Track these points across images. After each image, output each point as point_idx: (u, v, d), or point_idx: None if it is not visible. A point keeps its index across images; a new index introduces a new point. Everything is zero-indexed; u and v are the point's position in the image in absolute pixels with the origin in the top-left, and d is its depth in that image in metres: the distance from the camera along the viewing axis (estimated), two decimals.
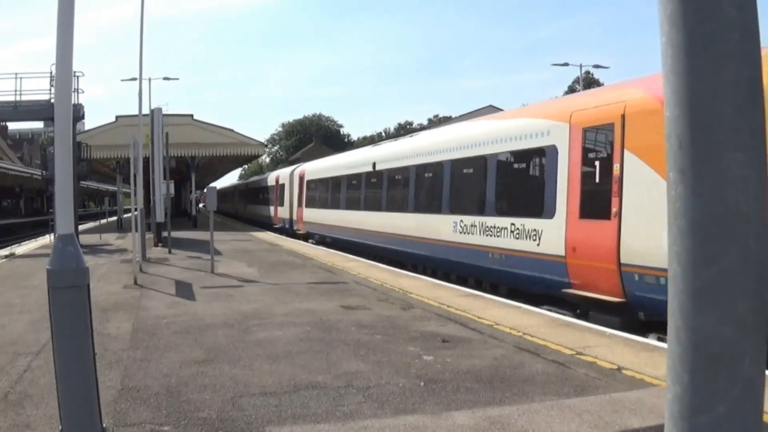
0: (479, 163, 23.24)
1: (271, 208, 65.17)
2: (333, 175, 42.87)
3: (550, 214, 18.34)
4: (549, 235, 18.44)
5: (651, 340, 13.36)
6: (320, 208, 45.40)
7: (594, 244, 16.75)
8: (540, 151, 19.49)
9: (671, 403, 2.56)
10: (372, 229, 33.80)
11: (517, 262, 20.07)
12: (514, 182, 21.64)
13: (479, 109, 64.92)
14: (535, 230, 19.10)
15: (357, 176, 37.57)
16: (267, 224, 64.96)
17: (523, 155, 20.76)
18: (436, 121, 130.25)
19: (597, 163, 16.90)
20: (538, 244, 19.01)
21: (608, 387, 10.32)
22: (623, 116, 15.74)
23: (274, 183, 64.56)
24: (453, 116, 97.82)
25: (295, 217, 53.47)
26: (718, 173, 2.41)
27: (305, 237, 48.96)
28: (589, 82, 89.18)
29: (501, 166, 21.92)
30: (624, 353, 12.39)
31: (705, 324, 2.43)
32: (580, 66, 76.33)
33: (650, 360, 11.81)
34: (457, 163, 25.12)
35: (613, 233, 15.97)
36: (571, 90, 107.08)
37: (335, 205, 41.58)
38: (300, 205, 51.60)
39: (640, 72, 66.01)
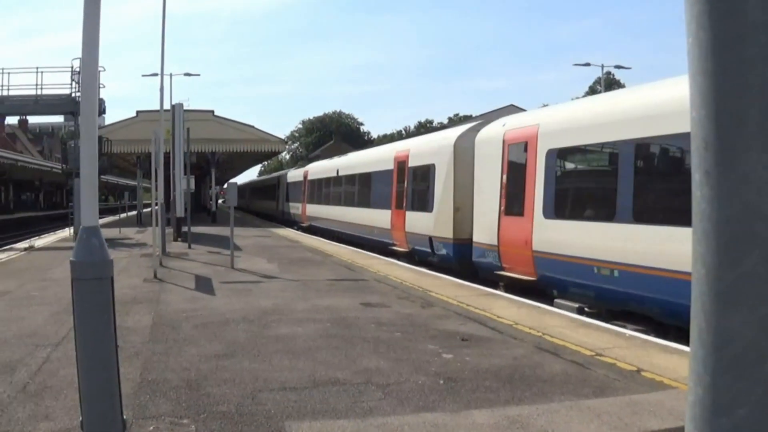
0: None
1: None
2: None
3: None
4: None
5: (670, 343, 13.31)
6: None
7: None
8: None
9: (692, 405, 2.56)
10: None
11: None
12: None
13: (500, 109, 64.38)
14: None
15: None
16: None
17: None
18: (457, 120, 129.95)
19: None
20: None
21: (628, 388, 10.30)
22: None
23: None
24: (473, 115, 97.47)
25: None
26: (743, 175, 2.40)
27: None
28: (610, 82, 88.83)
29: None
30: (643, 355, 12.36)
31: (728, 326, 2.42)
32: (602, 66, 75.99)
33: (670, 362, 11.78)
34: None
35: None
36: (593, 90, 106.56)
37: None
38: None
39: (662, 73, 65.72)
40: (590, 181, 19.82)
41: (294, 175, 69.15)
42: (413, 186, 32.01)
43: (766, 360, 2.43)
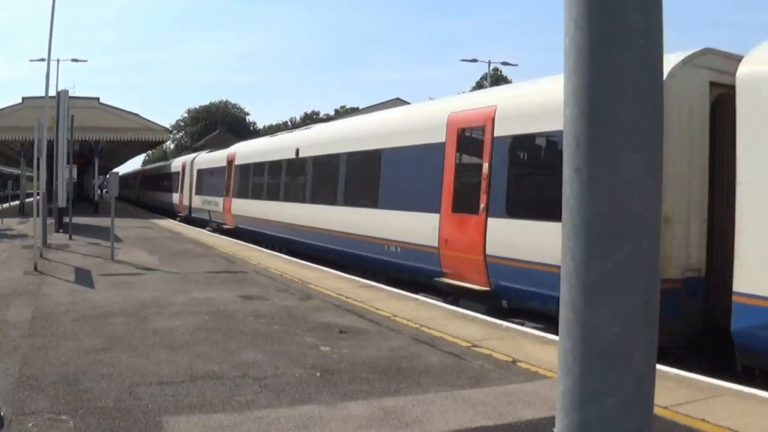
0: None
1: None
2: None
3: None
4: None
5: (546, 334, 13.55)
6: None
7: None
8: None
9: (562, 395, 2.62)
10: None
11: None
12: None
13: (386, 102, 64.67)
14: None
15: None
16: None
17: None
18: (343, 112, 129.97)
19: None
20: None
21: (503, 379, 10.48)
22: None
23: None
24: (360, 107, 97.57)
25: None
26: (614, 173, 2.47)
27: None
28: (496, 78, 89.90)
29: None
30: (519, 346, 12.58)
31: (596, 318, 2.49)
32: (489, 63, 76.77)
33: (545, 353, 12.01)
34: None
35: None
36: (479, 86, 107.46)
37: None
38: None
39: (548, 71, 66.68)
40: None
41: (209, 159, 51.21)
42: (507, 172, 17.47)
43: (634, 351, 2.51)
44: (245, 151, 42.05)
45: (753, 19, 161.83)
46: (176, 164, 66.63)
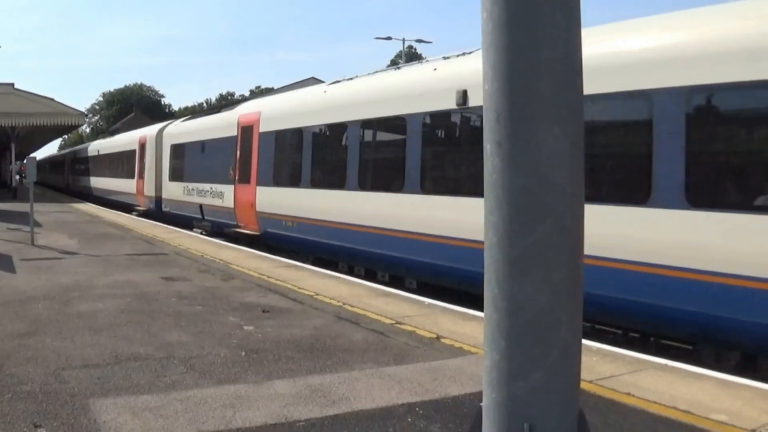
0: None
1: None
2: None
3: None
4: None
5: (469, 310, 13.63)
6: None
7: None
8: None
9: (489, 369, 2.64)
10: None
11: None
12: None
13: (301, 81, 64.52)
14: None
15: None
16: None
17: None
18: (258, 92, 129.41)
19: None
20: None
21: (428, 355, 10.53)
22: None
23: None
24: (275, 87, 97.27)
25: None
26: (535, 146, 2.48)
27: None
28: (411, 56, 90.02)
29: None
30: (442, 322, 12.65)
31: (521, 292, 2.50)
32: (403, 40, 77.14)
33: (468, 328, 12.10)
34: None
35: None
36: (394, 63, 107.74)
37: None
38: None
39: (462, 46, 66.82)
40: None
41: (197, 128, 36.09)
42: None
43: (560, 325, 2.53)
44: (279, 108, 27.28)
45: None
46: (128, 139, 50.66)
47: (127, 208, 46.86)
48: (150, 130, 44.86)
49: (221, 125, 31.23)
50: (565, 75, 2.50)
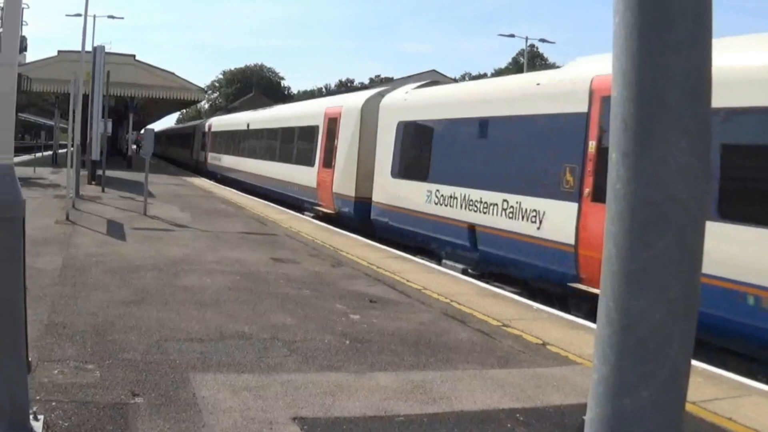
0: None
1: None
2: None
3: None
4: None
5: (577, 319, 13.46)
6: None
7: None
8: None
9: (596, 383, 2.58)
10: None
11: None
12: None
13: (422, 73, 64.62)
14: None
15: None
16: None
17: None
18: (378, 81, 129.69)
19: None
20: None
21: (533, 361, 10.41)
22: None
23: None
24: (395, 78, 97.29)
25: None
26: (661, 158, 2.41)
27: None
28: (533, 55, 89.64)
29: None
30: (549, 329, 12.49)
31: (636, 307, 2.44)
32: (526, 39, 76.85)
33: (576, 337, 11.92)
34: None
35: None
36: (515, 62, 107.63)
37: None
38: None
39: (585, 49, 66.19)
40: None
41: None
42: None
43: (671, 343, 2.46)
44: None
45: None
46: (303, 110, 38.94)
47: (294, 206, 33.78)
48: (347, 100, 31.87)
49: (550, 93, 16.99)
50: (695, 86, 2.43)
